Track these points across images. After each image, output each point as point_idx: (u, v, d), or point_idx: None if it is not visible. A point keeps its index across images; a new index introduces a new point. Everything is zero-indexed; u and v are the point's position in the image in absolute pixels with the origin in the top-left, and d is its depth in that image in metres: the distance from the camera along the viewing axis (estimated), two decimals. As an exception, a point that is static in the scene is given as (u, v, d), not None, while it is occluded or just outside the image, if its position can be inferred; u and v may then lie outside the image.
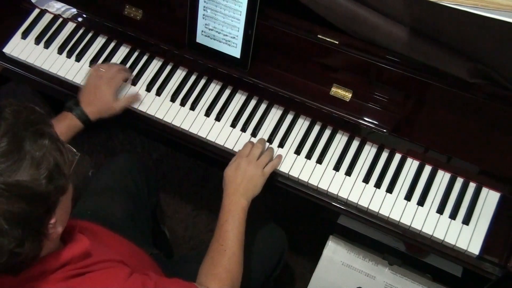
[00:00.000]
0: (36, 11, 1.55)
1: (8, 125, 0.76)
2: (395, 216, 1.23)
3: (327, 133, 1.34)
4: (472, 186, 1.24)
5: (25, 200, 0.74)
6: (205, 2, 1.29)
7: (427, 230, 1.21)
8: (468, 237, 1.19)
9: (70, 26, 1.53)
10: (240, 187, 1.19)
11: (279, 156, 1.30)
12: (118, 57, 1.48)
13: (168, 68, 1.45)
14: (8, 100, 0.80)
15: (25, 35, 1.51)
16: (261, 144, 1.28)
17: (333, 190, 1.27)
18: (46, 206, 0.78)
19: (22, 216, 0.75)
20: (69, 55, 1.49)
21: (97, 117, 1.31)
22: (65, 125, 1.26)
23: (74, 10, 1.52)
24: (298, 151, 1.32)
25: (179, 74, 1.45)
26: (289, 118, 1.37)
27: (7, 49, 1.50)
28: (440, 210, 1.22)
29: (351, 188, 1.27)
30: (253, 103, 1.39)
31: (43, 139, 0.78)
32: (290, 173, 1.30)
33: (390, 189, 1.26)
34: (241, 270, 1.13)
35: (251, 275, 1.31)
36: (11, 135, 0.75)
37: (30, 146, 0.76)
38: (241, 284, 1.27)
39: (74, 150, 0.91)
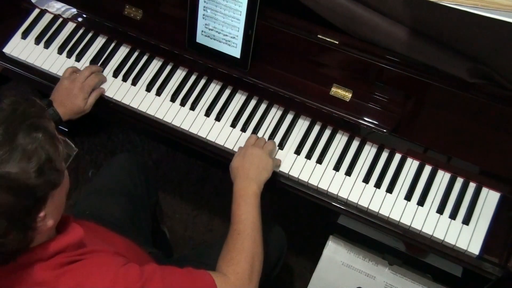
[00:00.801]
0: (36, 11, 1.55)
1: (4, 116, 0.77)
2: (395, 216, 1.23)
3: (327, 133, 1.34)
4: (472, 186, 1.24)
5: (12, 191, 0.75)
6: (205, 2, 1.29)
7: (427, 230, 1.21)
8: (468, 237, 1.19)
9: (70, 26, 1.53)
10: (250, 172, 1.18)
11: (279, 160, 1.31)
12: (118, 57, 1.48)
13: (168, 68, 1.45)
14: (11, 92, 0.81)
15: (25, 35, 1.51)
16: (264, 139, 1.30)
17: (333, 190, 1.27)
18: (34, 199, 0.79)
19: (7, 208, 0.76)
20: (69, 55, 1.49)
21: (68, 118, 1.33)
22: None
23: (74, 10, 1.52)
24: (298, 151, 1.32)
25: (179, 74, 1.45)
26: (289, 118, 1.37)
27: (7, 49, 1.50)
28: (440, 210, 1.22)
29: (351, 188, 1.27)
30: (253, 103, 1.39)
31: (37, 133, 0.78)
32: (290, 173, 1.30)
33: (390, 189, 1.26)
34: (259, 251, 1.10)
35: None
36: (5, 126, 0.76)
37: (23, 139, 0.77)
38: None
39: (73, 145, 0.92)
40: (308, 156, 1.31)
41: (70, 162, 0.91)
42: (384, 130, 1.25)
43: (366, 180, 1.28)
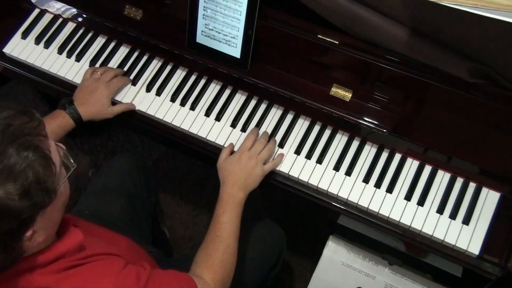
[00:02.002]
0: (36, 11, 1.55)
1: None
2: (395, 216, 1.23)
3: (327, 133, 1.34)
4: (472, 186, 1.24)
5: None
6: (205, 2, 1.29)
7: (427, 230, 1.21)
8: (468, 237, 1.19)
9: (70, 26, 1.53)
10: (239, 181, 1.20)
11: (281, 155, 1.31)
12: (118, 57, 1.48)
13: (168, 68, 1.45)
14: (8, 104, 0.79)
15: (25, 35, 1.51)
16: (264, 139, 1.29)
17: (333, 190, 1.27)
18: (18, 222, 0.76)
19: None
20: (69, 55, 1.49)
21: (89, 118, 1.31)
22: (57, 123, 1.27)
23: (74, 10, 1.52)
24: (298, 151, 1.32)
25: (179, 74, 1.45)
26: (289, 118, 1.37)
27: (7, 49, 1.50)
28: (440, 210, 1.22)
29: (351, 188, 1.27)
30: (253, 103, 1.39)
31: (28, 152, 0.76)
32: (290, 173, 1.30)
33: (390, 189, 1.26)
34: (235, 261, 1.15)
35: (249, 274, 1.31)
36: None
37: (12, 159, 0.74)
38: (239, 284, 1.27)
39: (72, 161, 0.89)
40: (308, 156, 1.31)
41: (66, 178, 0.87)
42: (384, 130, 1.25)
43: (366, 180, 1.28)
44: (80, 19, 1.53)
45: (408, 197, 1.25)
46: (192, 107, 1.39)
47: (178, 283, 0.99)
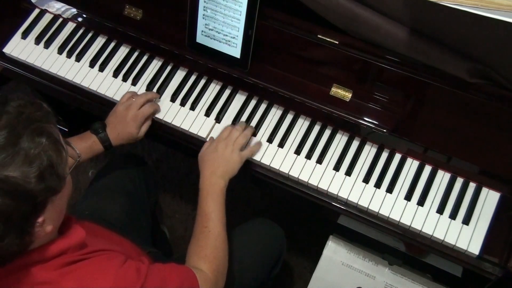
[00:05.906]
0: (36, 11, 1.55)
1: (9, 120, 0.77)
2: (395, 216, 1.23)
3: (327, 133, 1.34)
4: (472, 186, 1.24)
5: (10, 196, 0.75)
6: (205, 2, 1.29)
7: (427, 230, 1.21)
8: (468, 237, 1.19)
9: (70, 26, 1.53)
10: (218, 169, 1.22)
11: (259, 143, 1.32)
12: (118, 57, 1.48)
13: (168, 68, 1.45)
14: (17, 94, 0.81)
15: (25, 35, 1.51)
16: (240, 127, 1.30)
17: (333, 190, 1.27)
18: (32, 205, 0.78)
19: (5, 211, 0.75)
20: (69, 55, 1.49)
21: (119, 144, 1.32)
22: (87, 145, 1.27)
23: (74, 10, 1.52)
24: (298, 151, 1.32)
25: (179, 74, 1.45)
26: (289, 118, 1.37)
27: (7, 49, 1.50)
28: (440, 210, 1.22)
29: (351, 188, 1.27)
30: (253, 103, 1.39)
31: (41, 138, 0.78)
32: (290, 173, 1.30)
33: (390, 189, 1.26)
34: (227, 248, 1.16)
35: (250, 274, 1.31)
36: (10, 130, 0.76)
37: (26, 143, 0.76)
38: (240, 284, 1.27)
39: (77, 152, 0.91)
40: (308, 156, 1.31)
41: (73, 168, 0.90)
42: (384, 130, 1.25)
43: (366, 180, 1.28)
44: (80, 19, 1.53)
45: (408, 197, 1.25)
46: (192, 107, 1.39)
47: (178, 275, 1.00)
